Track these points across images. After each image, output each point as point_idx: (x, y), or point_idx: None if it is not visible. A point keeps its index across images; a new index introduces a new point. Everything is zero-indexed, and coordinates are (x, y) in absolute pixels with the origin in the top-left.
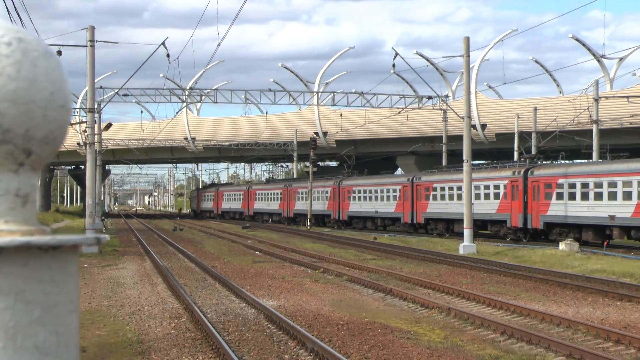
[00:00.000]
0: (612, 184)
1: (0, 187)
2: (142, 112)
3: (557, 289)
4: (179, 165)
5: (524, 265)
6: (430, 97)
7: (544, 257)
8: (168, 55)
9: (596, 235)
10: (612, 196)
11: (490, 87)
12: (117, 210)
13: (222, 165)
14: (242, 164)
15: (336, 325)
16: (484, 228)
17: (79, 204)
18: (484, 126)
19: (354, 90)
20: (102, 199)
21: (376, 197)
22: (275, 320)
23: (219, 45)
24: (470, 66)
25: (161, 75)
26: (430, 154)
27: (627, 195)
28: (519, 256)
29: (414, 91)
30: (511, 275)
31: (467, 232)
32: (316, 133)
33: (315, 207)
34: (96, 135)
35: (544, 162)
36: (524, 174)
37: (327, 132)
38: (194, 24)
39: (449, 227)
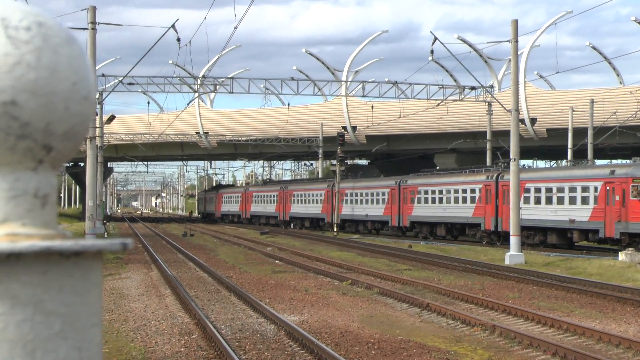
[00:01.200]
0: (572, 189)
1: (18, 187)
2: (149, 103)
3: (616, 304)
4: (190, 162)
5: (578, 278)
6: (473, 88)
7: (601, 269)
8: (178, 40)
9: (559, 238)
10: (573, 200)
11: (541, 76)
12: (121, 213)
13: (239, 163)
14: (261, 161)
15: (366, 343)
16: (463, 232)
17: (77, 206)
18: (533, 120)
19: (387, 80)
20: (103, 200)
21: (366, 201)
22: (298, 338)
23: (235, 28)
24: (519, 53)
25: (170, 62)
26: (472, 151)
27: (585, 200)
28: (572, 267)
29: (455, 81)
30: (564, 289)
31: (514, 240)
32: (344, 127)
33: (310, 211)
34: (97, 129)
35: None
36: (496, 178)
37: (356, 126)
38: (207, 5)
39: (433, 230)
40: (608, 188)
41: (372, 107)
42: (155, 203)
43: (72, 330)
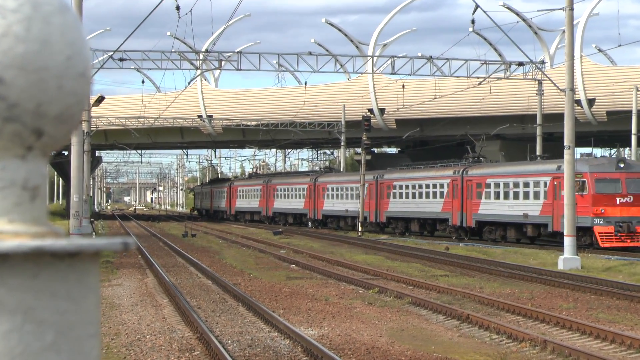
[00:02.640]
0: (526, 184)
1: (4, 178)
2: (143, 81)
3: None
4: (191, 151)
5: None
6: (521, 64)
7: None
8: (178, 8)
9: (517, 232)
10: (526, 195)
11: (600, 50)
12: (111, 209)
13: (247, 151)
14: (274, 149)
15: None
16: (435, 228)
17: (60, 202)
18: (591, 102)
19: (420, 55)
20: (90, 195)
21: (346, 195)
22: (317, 355)
23: None
24: (575, 22)
25: (168, 34)
26: (519, 138)
27: (537, 195)
28: (637, 273)
29: (500, 56)
30: (627, 299)
31: (568, 241)
32: (370, 110)
33: (293, 206)
34: (84, 112)
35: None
36: (462, 173)
37: (384, 108)
38: None
39: (408, 226)
40: (555, 183)
41: (403, 86)
42: (151, 198)
43: (67, 341)
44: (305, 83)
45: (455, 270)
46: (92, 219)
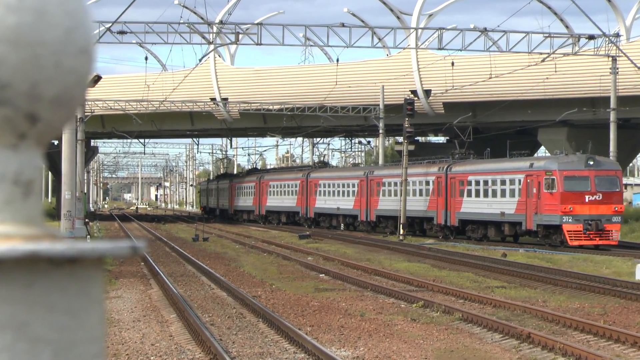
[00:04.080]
0: (503, 182)
1: None
2: (146, 58)
3: None
4: (202, 140)
5: None
6: (591, 37)
7: None
8: None
9: (497, 231)
10: (503, 193)
11: None
12: (108, 208)
13: (269, 141)
14: (300, 138)
15: None
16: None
17: (50, 199)
18: None
19: (472, 27)
20: (85, 191)
21: (338, 192)
22: None
23: None
24: None
25: (176, 2)
26: (590, 125)
27: (512, 193)
28: None
29: (566, 28)
30: None
31: None
32: (414, 92)
33: (286, 204)
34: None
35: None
36: (446, 170)
37: (430, 90)
38: None
39: (397, 224)
40: (529, 181)
41: (453, 63)
42: (156, 195)
43: None
44: (337, 60)
45: (513, 280)
46: (86, 220)
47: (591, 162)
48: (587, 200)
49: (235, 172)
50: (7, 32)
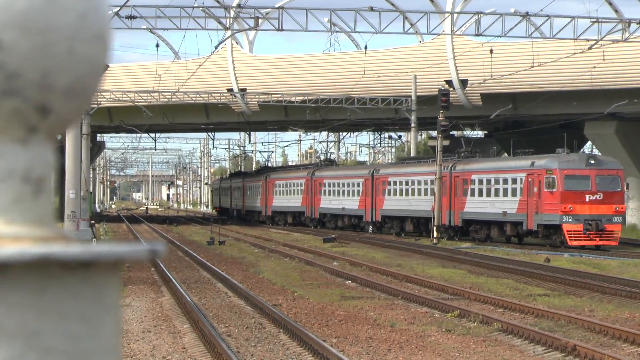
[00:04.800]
0: (505, 181)
1: (0, 168)
2: (158, 45)
3: None
4: (218, 135)
5: None
6: None
7: None
8: None
9: (499, 232)
10: (505, 192)
11: None
12: (116, 209)
13: (291, 135)
14: (324, 132)
15: None
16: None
17: (52, 199)
18: None
19: (513, 11)
20: (90, 190)
21: (343, 192)
22: None
23: None
24: None
25: None
26: None
27: (514, 192)
28: None
29: (616, 12)
30: None
31: None
32: (449, 82)
33: (291, 203)
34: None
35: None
36: (450, 169)
37: (467, 80)
38: None
39: (403, 225)
40: (530, 180)
41: (491, 51)
42: (167, 195)
43: None
44: (366, 47)
45: (557, 288)
46: (92, 222)
47: (592, 161)
48: (587, 199)
49: (254, 169)
50: (16, 17)
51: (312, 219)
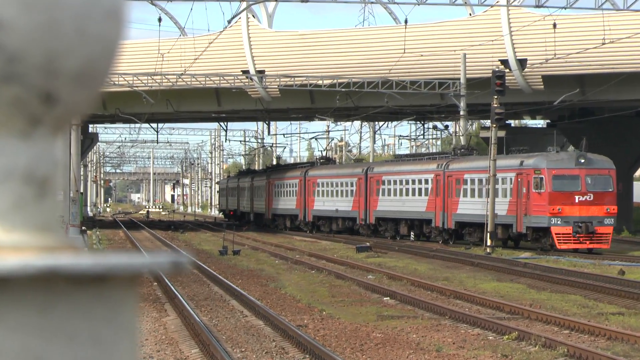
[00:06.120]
0: (496, 181)
1: None
2: (160, 20)
3: None
4: (232, 125)
5: None
6: None
7: None
8: None
9: (492, 235)
10: (496, 193)
11: None
12: (111, 213)
13: (318, 125)
14: (357, 122)
15: None
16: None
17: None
18: None
19: None
20: (81, 191)
21: (336, 192)
22: None
23: None
24: None
25: None
26: None
27: (504, 192)
28: None
29: None
30: None
31: None
32: (504, 62)
33: (287, 205)
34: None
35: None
36: (444, 167)
37: (525, 59)
38: None
39: (397, 228)
40: (519, 180)
41: (555, 25)
42: (172, 196)
43: None
44: (406, 22)
45: (634, 305)
46: (83, 228)
47: (582, 160)
48: (577, 200)
49: (274, 163)
50: None
51: (307, 223)
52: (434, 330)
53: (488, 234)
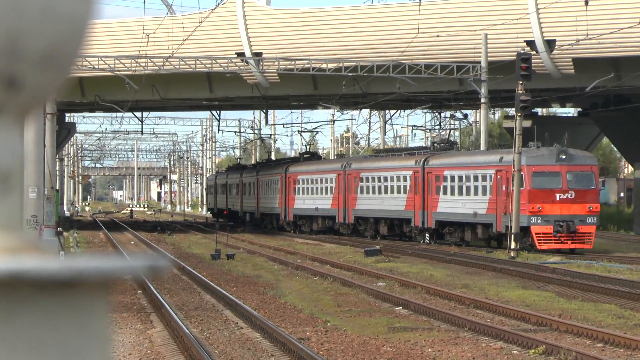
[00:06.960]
0: (475, 178)
1: None
2: None
3: None
4: (225, 113)
5: None
6: None
7: None
8: None
9: (472, 234)
10: (476, 191)
11: None
12: (90, 212)
13: (322, 114)
14: (366, 110)
15: None
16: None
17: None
18: None
19: None
20: (56, 188)
21: (316, 190)
22: None
23: None
24: None
25: None
26: None
27: (484, 190)
28: None
29: None
30: None
31: None
32: (530, 43)
33: (271, 204)
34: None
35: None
36: (423, 163)
37: (554, 40)
38: None
39: (377, 228)
40: (499, 177)
41: (586, 2)
42: (159, 193)
43: None
44: None
45: None
46: (59, 229)
47: (563, 156)
48: (557, 198)
49: (272, 157)
50: None
51: (288, 222)
52: (451, 343)
53: (512, 236)
